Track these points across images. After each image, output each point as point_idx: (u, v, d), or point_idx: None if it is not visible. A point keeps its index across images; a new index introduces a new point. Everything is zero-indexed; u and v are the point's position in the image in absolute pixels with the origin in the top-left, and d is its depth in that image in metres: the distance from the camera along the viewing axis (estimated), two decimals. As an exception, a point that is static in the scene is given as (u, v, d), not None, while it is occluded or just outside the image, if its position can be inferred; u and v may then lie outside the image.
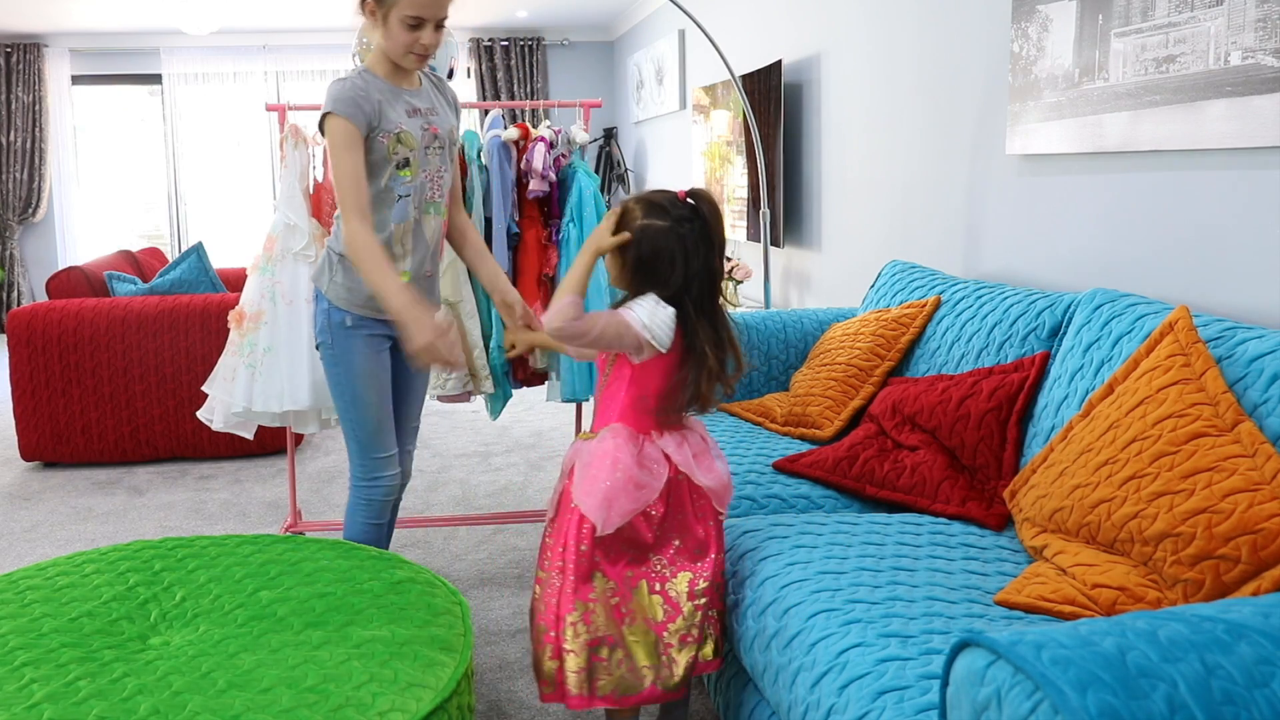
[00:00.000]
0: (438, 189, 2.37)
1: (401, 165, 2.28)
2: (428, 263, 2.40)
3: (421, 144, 2.30)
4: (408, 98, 2.31)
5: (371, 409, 2.35)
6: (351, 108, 2.20)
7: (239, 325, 3.03)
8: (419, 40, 2.20)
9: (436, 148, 2.34)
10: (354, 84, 2.23)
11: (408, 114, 2.28)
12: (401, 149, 2.26)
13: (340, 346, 2.33)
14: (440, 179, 2.37)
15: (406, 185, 2.29)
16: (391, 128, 2.25)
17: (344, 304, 2.31)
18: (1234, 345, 1.71)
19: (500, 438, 4.73)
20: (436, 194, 2.37)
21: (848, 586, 1.70)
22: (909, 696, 1.37)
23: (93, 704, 1.52)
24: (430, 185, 2.35)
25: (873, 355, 2.64)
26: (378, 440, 2.38)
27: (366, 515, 2.42)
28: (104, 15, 7.57)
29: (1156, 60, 2.16)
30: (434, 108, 2.36)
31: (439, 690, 1.59)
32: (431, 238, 2.38)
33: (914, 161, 3.39)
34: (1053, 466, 1.88)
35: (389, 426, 2.39)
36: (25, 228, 8.55)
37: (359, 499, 2.41)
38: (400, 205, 2.29)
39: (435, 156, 2.34)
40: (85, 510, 3.83)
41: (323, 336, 2.35)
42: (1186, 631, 1.07)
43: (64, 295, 4.73)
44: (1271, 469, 1.48)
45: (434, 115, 2.35)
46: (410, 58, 2.23)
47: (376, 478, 2.40)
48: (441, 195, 2.39)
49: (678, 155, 6.81)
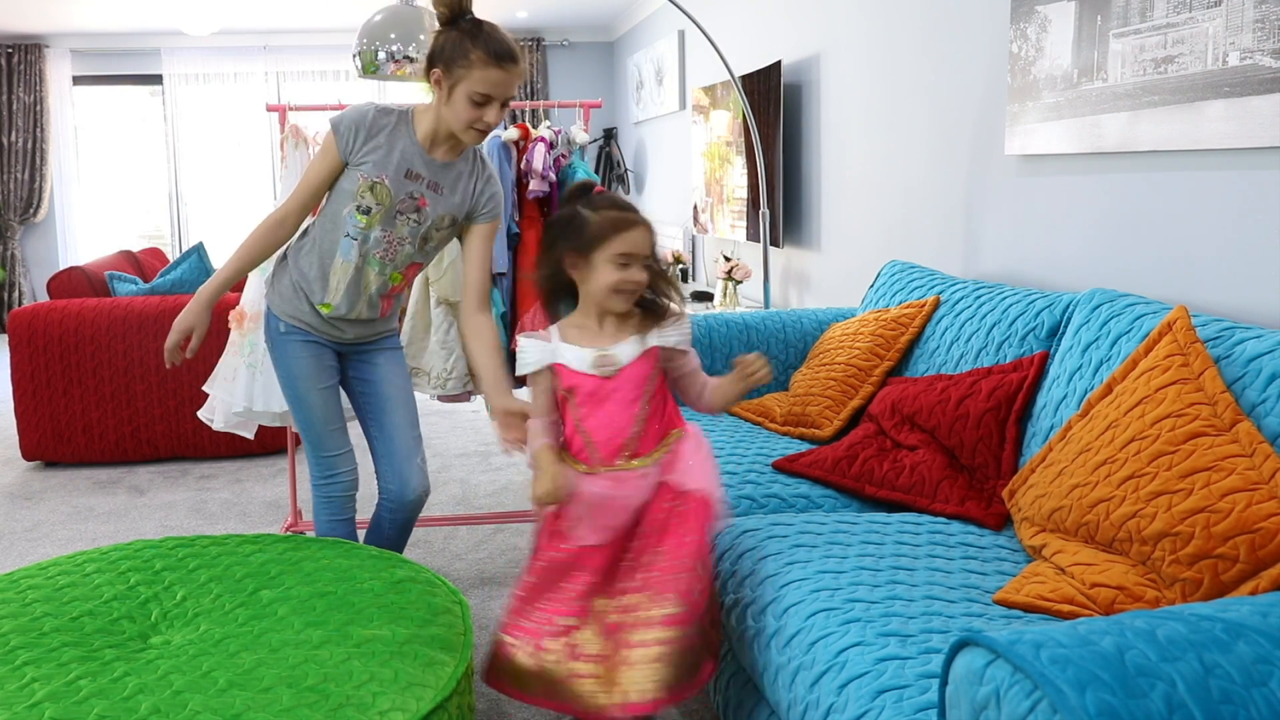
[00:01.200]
0: (391, 255, 2.29)
1: (363, 210, 2.24)
2: (362, 311, 2.35)
3: (394, 206, 2.24)
4: (423, 162, 2.24)
5: (315, 409, 2.37)
6: (345, 128, 2.22)
7: (239, 325, 3.03)
8: (482, 117, 2.15)
9: (412, 219, 2.26)
10: (376, 117, 2.22)
11: (406, 174, 2.23)
12: (369, 197, 2.22)
13: (279, 350, 2.38)
14: (398, 248, 2.29)
15: (358, 230, 2.26)
16: (372, 173, 2.22)
17: (278, 311, 2.37)
18: (1232, 345, 1.72)
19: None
20: (388, 257, 2.29)
21: (847, 586, 1.71)
22: (908, 695, 1.38)
23: (94, 703, 1.52)
24: (386, 247, 2.28)
25: (872, 355, 2.64)
26: (327, 439, 2.40)
27: (328, 512, 2.44)
28: (105, 16, 7.58)
29: (1155, 61, 2.16)
30: (444, 187, 2.27)
31: (439, 689, 1.59)
32: (369, 289, 2.32)
33: (913, 162, 3.39)
34: (1051, 466, 1.88)
35: (338, 426, 2.41)
36: (26, 228, 8.56)
37: (318, 497, 2.44)
38: (346, 243, 2.27)
39: (405, 226, 2.27)
40: (86, 510, 3.83)
41: (266, 339, 2.41)
42: (1185, 631, 1.08)
43: (65, 295, 4.74)
44: (1270, 468, 1.49)
45: (436, 193, 2.26)
46: (471, 133, 2.18)
47: (331, 475, 2.41)
48: (392, 261, 2.30)
49: (677, 155, 6.81)
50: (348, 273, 2.29)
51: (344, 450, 2.43)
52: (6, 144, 8.33)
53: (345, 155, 2.24)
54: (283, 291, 2.36)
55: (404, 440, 2.42)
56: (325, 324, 2.36)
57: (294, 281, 2.34)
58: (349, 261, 2.29)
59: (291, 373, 2.37)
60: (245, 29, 8.28)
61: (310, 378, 2.36)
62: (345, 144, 2.23)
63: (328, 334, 2.37)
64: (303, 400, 2.37)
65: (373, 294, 2.34)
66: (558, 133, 3.15)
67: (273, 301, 2.38)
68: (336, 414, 2.42)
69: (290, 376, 2.37)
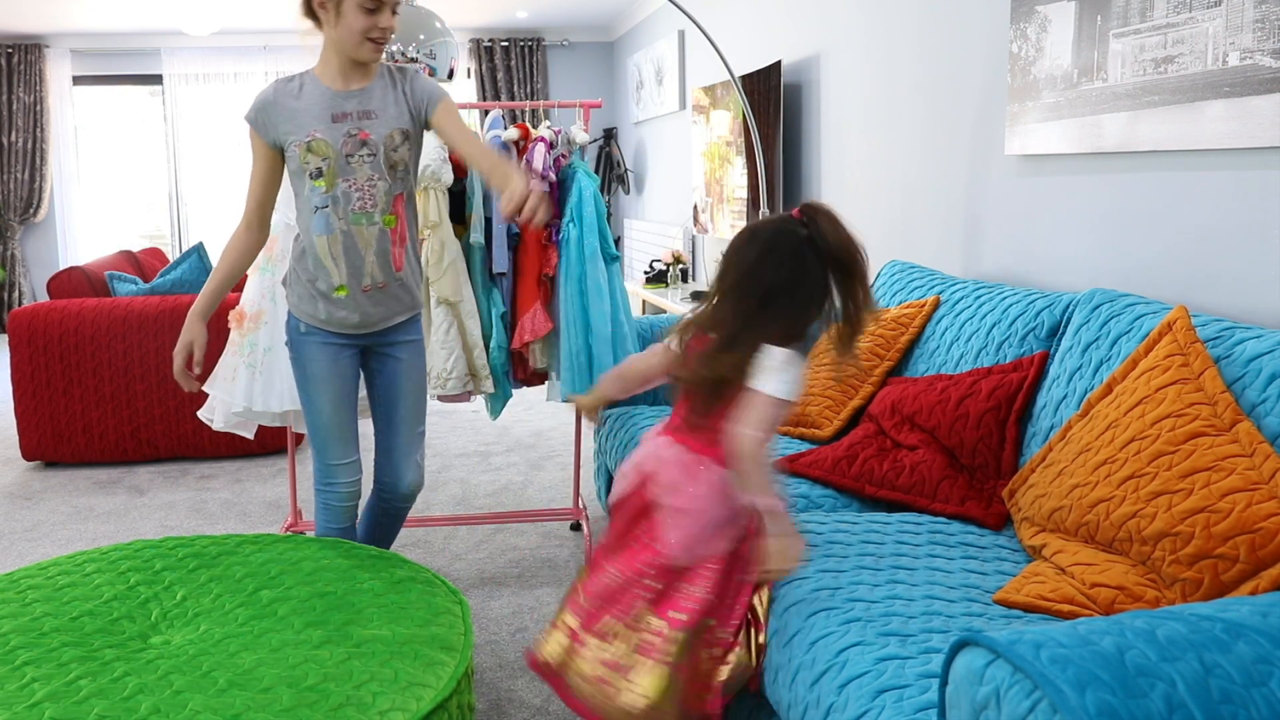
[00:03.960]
0: (369, 199, 2.22)
1: (315, 175, 2.19)
2: (374, 275, 2.27)
3: (340, 151, 2.18)
4: (340, 100, 2.20)
5: (324, 415, 2.34)
6: (255, 113, 2.23)
7: (239, 325, 3.03)
8: (376, 24, 2.12)
9: (365, 155, 2.20)
10: (278, 86, 2.23)
11: (332, 119, 2.19)
12: (312, 158, 2.18)
13: (296, 350, 2.35)
14: (371, 188, 2.22)
15: (322, 196, 2.21)
16: (301, 136, 2.18)
17: (296, 311, 2.34)
18: (1232, 345, 1.72)
19: (500, 438, 4.73)
20: (368, 204, 2.22)
21: (847, 585, 1.71)
22: (908, 695, 1.38)
23: (94, 703, 1.52)
24: (359, 195, 2.21)
25: (872, 355, 2.64)
26: (331, 446, 2.36)
27: (326, 520, 2.41)
28: (105, 16, 7.57)
29: (1155, 61, 2.16)
30: (372, 110, 2.21)
31: (439, 689, 1.59)
32: (369, 248, 2.25)
33: (913, 162, 3.39)
34: (1051, 466, 1.88)
35: (345, 435, 2.37)
36: (26, 228, 8.55)
37: (320, 503, 2.41)
38: (320, 217, 2.22)
39: (364, 164, 2.20)
40: (86, 510, 3.83)
41: (287, 340, 2.40)
42: (1185, 631, 1.08)
43: (65, 295, 4.74)
44: (1270, 468, 1.49)
45: (369, 119, 2.20)
46: (366, 45, 2.15)
47: (331, 483, 2.38)
48: (375, 206, 2.23)
49: (678, 155, 6.81)
50: (336, 244, 2.24)
51: (347, 460, 2.39)
52: (6, 144, 8.33)
53: (270, 136, 2.22)
54: (299, 291, 2.33)
55: (405, 436, 2.43)
56: (346, 311, 2.28)
57: (303, 279, 2.31)
58: (332, 234, 2.23)
59: (305, 374, 2.34)
60: (245, 29, 8.28)
61: (323, 381, 2.33)
62: (263, 126, 2.22)
63: (350, 327, 2.31)
64: (312, 403, 2.35)
65: (375, 250, 2.25)
66: (558, 133, 3.15)
67: (291, 303, 2.36)
68: (345, 422, 2.37)
69: (304, 378, 2.35)
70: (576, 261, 2.99)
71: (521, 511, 3.52)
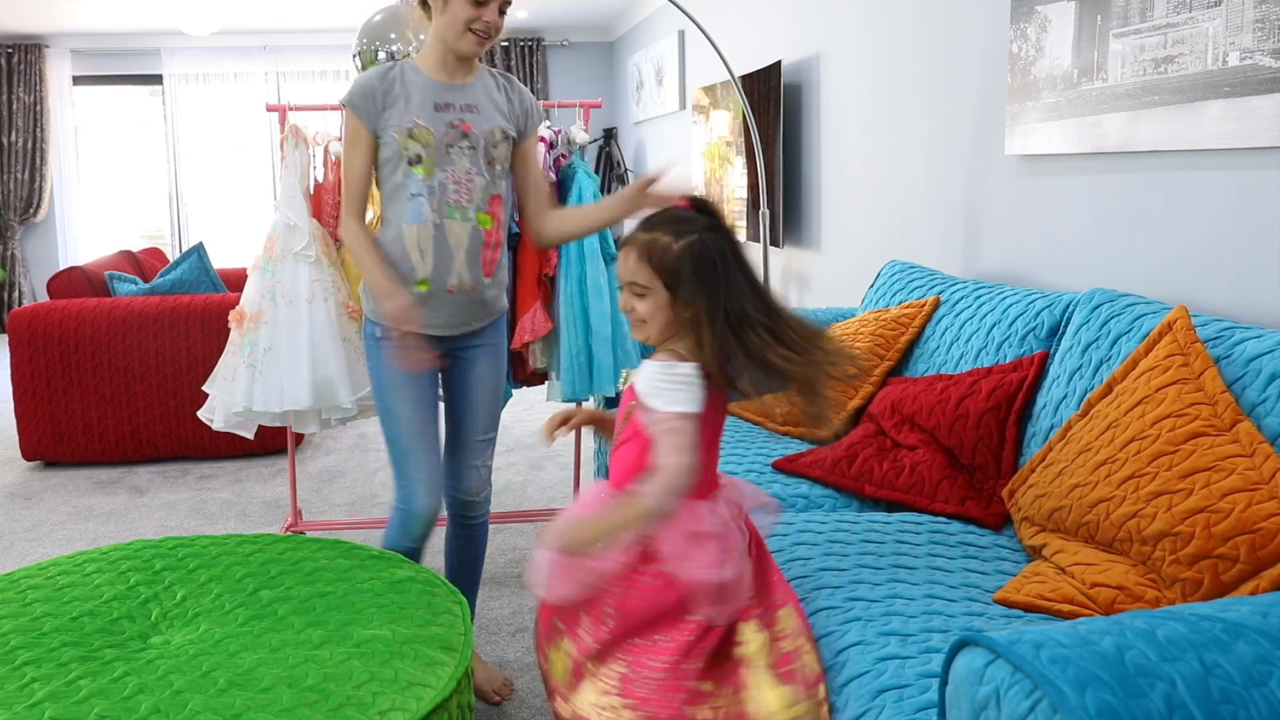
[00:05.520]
0: (465, 193, 2.17)
1: (414, 161, 2.14)
2: (461, 275, 2.19)
3: (442, 141, 2.15)
4: (443, 91, 2.17)
5: (401, 424, 2.21)
6: (359, 98, 2.15)
7: (239, 325, 3.03)
8: (481, 16, 2.09)
9: (465, 147, 2.17)
10: (374, 73, 2.16)
11: (435, 108, 2.15)
12: (413, 145, 2.14)
13: (373, 358, 2.24)
14: (469, 182, 2.18)
15: (420, 184, 2.15)
16: (404, 122, 2.14)
17: (372, 315, 2.23)
18: (1232, 345, 1.72)
19: (500, 438, 4.72)
20: (463, 198, 2.17)
21: (847, 584, 1.71)
22: (908, 695, 1.38)
23: (94, 703, 1.52)
24: (455, 187, 2.17)
25: (872, 355, 2.64)
26: (409, 459, 2.21)
27: (399, 535, 2.25)
28: (105, 16, 7.57)
29: (1155, 61, 2.16)
30: (476, 105, 2.19)
31: (439, 689, 1.59)
32: (460, 246, 2.18)
33: (913, 162, 3.39)
34: (1051, 466, 1.88)
35: (426, 445, 2.22)
36: (26, 228, 8.56)
37: (395, 513, 2.26)
38: (413, 205, 2.15)
39: (463, 157, 2.17)
40: (86, 510, 3.83)
41: (365, 346, 2.30)
42: (1185, 631, 1.08)
43: (65, 295, 4.74)
44: (1270, 468, 1.49)
45: (472, 113, 2.18)
46: (469, 37, 2.11)
47: (409, 499, 2.22)
48: (470, 201, 2.18)
49: (678, 156, 6.81)
50: (426, 236, 2.16)
51: (424, 478, 2.21)
52: (6, 144, 8.33)
53: (372, 123, 2.15)
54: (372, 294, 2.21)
55: (471, 441, 2.35)
56: (427, 309, 2.18)
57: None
58: (424, 223, 2.15)
59: (381, 382, 2.22)
60: (245, 29, 8.28)
61: (399, 388, 2.20)
62: (366, 112, 2.15)
63: (429, 327, 2.18)
64: (389, 412, 2.22)
65: (466, 249, 2.19)
66: (558, 133, 3.15)
67: (367, 307, 2.24)
68: (424, 432, 2.22)
69: (379, 386, 2.23)
70: (576, 261, 2.99)
71: (521, 511, 3.52)
